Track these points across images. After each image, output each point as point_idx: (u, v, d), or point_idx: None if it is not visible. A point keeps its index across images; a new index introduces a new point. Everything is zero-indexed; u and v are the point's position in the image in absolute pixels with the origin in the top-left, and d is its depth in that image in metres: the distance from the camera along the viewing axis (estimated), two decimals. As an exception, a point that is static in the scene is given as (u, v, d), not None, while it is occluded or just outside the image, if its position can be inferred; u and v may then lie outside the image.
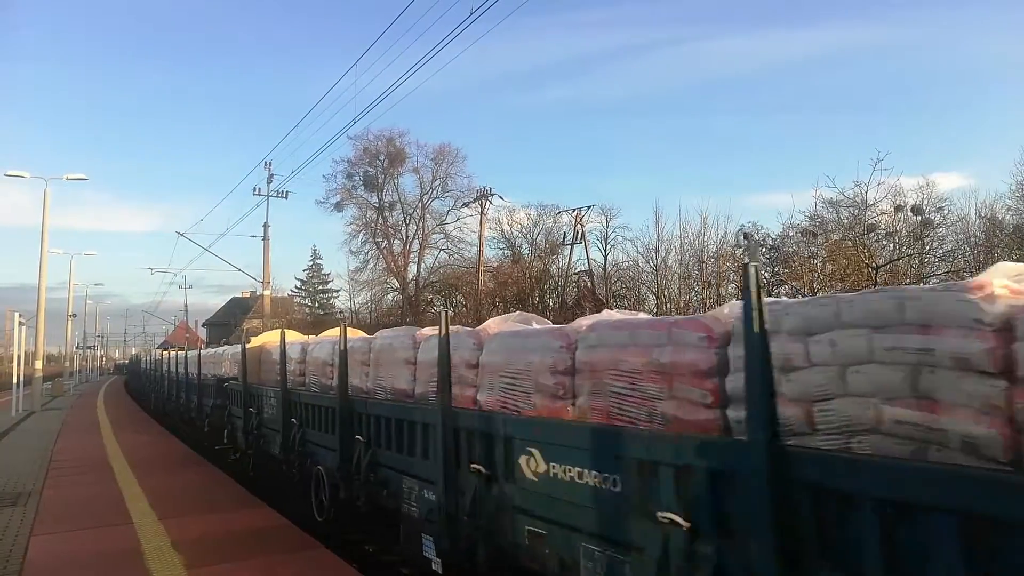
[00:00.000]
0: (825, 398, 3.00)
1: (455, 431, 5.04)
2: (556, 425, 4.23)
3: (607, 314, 5.27)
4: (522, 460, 4.33)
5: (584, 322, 4.77)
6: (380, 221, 44.65)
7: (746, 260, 3.90)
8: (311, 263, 65.21)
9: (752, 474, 2.78)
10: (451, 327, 5.37)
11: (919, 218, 20.32)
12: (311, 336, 11.61)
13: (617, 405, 4.02)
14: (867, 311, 2.88)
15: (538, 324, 5.75)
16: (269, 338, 12.72)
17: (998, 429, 2.40)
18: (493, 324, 5.94)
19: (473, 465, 4.81)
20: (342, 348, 7.20)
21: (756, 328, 2.86)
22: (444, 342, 5.19)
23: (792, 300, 3.69)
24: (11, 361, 35.98)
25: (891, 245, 20.23)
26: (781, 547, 2.68)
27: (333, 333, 10.57)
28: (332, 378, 8.07)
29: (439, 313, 5.73)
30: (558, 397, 4.45)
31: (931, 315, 2.65)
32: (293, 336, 11.81)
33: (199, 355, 17.12)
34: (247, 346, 12.04)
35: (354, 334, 10.06)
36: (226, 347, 18.35)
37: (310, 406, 8.33)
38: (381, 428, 6.39)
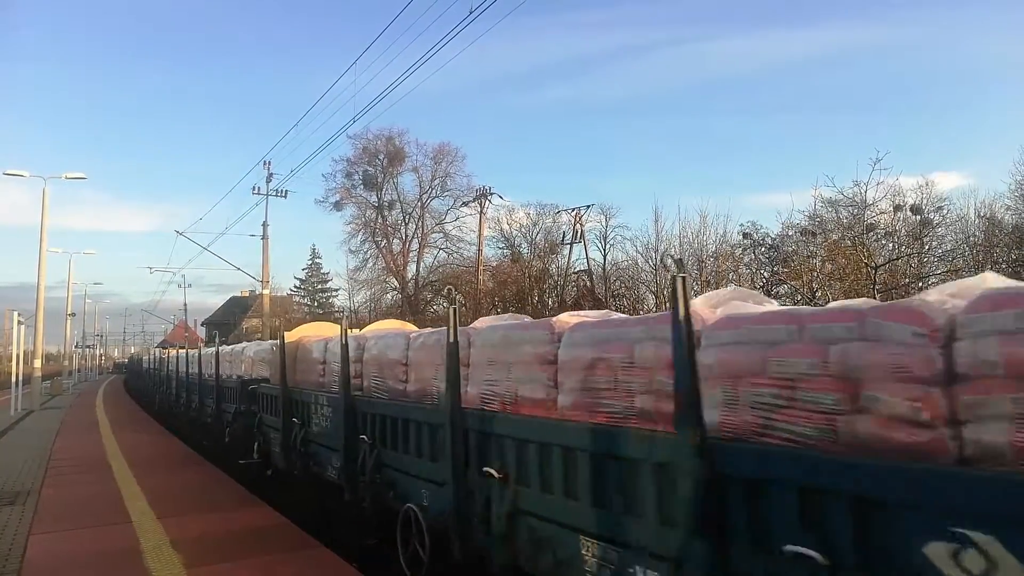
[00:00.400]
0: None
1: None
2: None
3: (734, 303, 3.95)
4: None
5: (705, 314, 3.76)
6: (379, 220, 44.68)
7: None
8: (310, 262, 65.36)
9: None
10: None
11: (918, 218, 20.35)
12: (354, 329, 9.23)
13: (765, 418, 3.18)
14: None
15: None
16: (303, 332, 10.85)
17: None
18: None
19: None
20: (451, 341, 5.18)
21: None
22: (520, 335, 4.97)
23: None
24: (10, 360, 35.95)
25: (890, 245, 20.27)
26: None
27: (383, 326, 9.66)
28: (406, 381, 6.59)
29: (449, 310, 5.36)
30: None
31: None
32: (325, 329, 10.57)
33: (216, 353, 14.94)
34: (281, 340, 9.95)
35: (404, 327, 9.43)
36: (247, 343, 16.70)
37: (394, 420, 6.35)
38: (527, 458, 4.44)
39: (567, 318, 4.86)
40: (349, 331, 7.59)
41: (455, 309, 5.28)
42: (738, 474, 3.05)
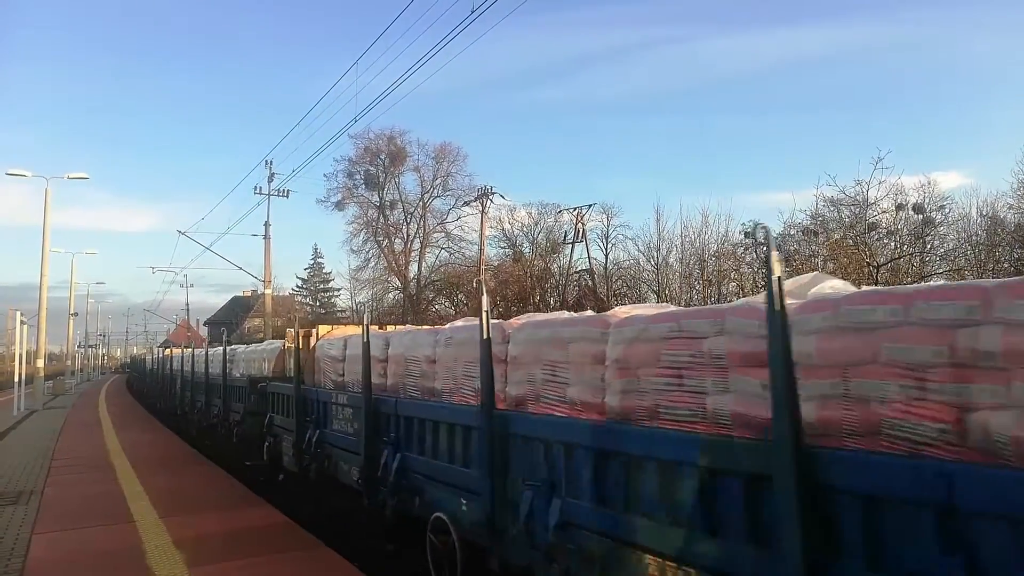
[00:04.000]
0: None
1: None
2: None
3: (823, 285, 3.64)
4: None
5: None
6: (381, 220, 44.73)
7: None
8: (312, 262, 65.42)
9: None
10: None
11: (920, 217, 20.34)
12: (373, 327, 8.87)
13: (876, 416, 2.86)
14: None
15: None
16: (321, 331, 10.41)
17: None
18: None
19: None
20: (484, 338, 4.89)
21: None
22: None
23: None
24: (13, 360, 36.02)
25: (892, 244, 20.26)
26: None
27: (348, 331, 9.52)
28: (434, 381, 6.18)
29: (481, 301, 4.88)
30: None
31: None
32: (344, 330, 9.94)
33: (225, 352, 14.29)
34: (297, 338, 9.65)
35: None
36: (265, 343, 15.81)
37: (421, 422, 5.97)
38: (578, 466, 4.05)
39: (621, 311, 4.51)
40: (353, 330, 8.03)
41: (487, 300, 4.89)
42: (850, 487, 2.58)
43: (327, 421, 8.09)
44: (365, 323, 6.92)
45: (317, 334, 9.90)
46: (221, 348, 15.33)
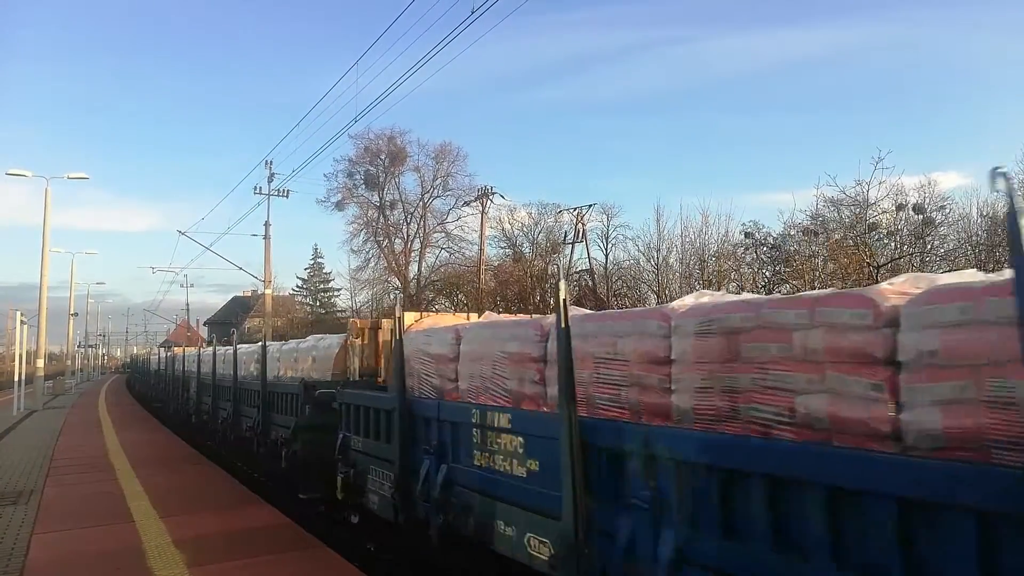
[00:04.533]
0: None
1: None
2: None
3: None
4: None
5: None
6: (381, 220, 44.68)
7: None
8: (312, 262, 65.32)
9: None
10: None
11: (921, 217, 20.30)
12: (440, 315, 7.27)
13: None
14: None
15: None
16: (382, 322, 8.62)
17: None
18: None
19: None
20: (563, 326, 3.94)
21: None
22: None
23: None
24: (13, 360, 36.01)
25: (893, 244, 20.23)
26: None
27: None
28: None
29: (559, 286, 4.05)
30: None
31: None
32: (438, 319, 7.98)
33: (264, 352, 11.64)
34: (397, 327, 6.55)
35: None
36: (311, 338, 11.92)
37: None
38: (686, 485, 3.28)
39: (684, 302, 4.07)
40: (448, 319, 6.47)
41: (565, 287, 4.01)
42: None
43: (462, 452, 5.30)
44: (562, 302, 3.96)
45: (401, 323, 6.65)
46: (251, 346, 13.74)
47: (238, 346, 14.52)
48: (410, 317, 7.56)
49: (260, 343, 12.88)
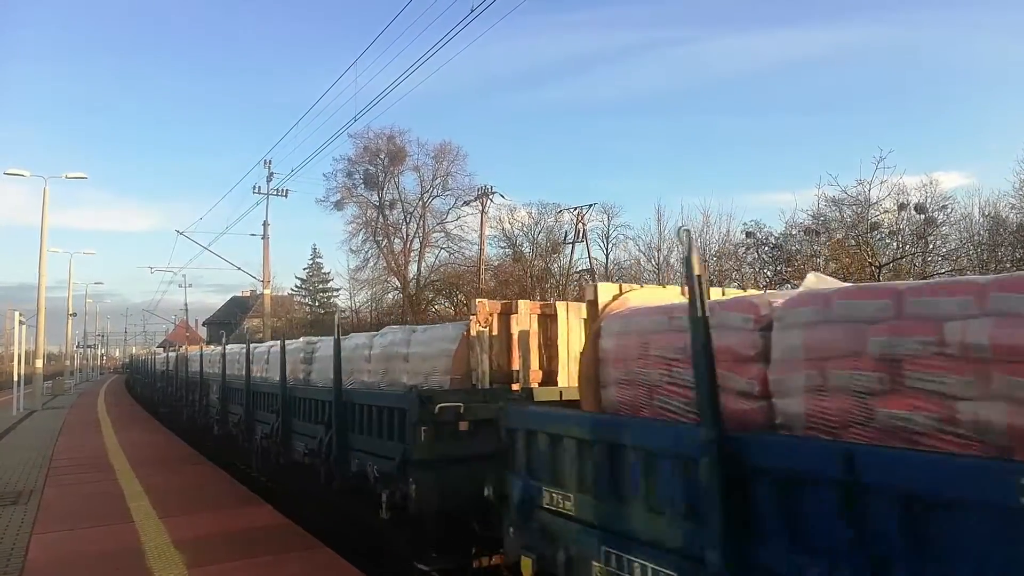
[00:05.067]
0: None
1: None
2: None
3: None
4: None
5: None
6: (380, 220, 44.62)
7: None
8: (311, 262, 65.30)
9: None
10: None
11: (922, 216, 20.28)
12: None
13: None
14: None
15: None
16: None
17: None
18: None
19: None
20: (699, 314, 3.05)
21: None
22: None
23: None
24: (12, 360, 35.94)
25: (894, 244, 20.22)
26: None
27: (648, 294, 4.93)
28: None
29: (696, 265, 2.99)
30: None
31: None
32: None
33: (337, 347, 7.86)
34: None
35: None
36: (422, 328, 8.50)
37: None
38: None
39: (780, 293, 3.55)
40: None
41: (698, 259, 3.04)
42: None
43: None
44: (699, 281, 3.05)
45: (561, 310, 5.63)
46: (297, 343, 10.83)
47: (285, 343, 10.74)
48: (606, 291, 4.90)
49: (328, 337, 9.14)
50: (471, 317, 6.89)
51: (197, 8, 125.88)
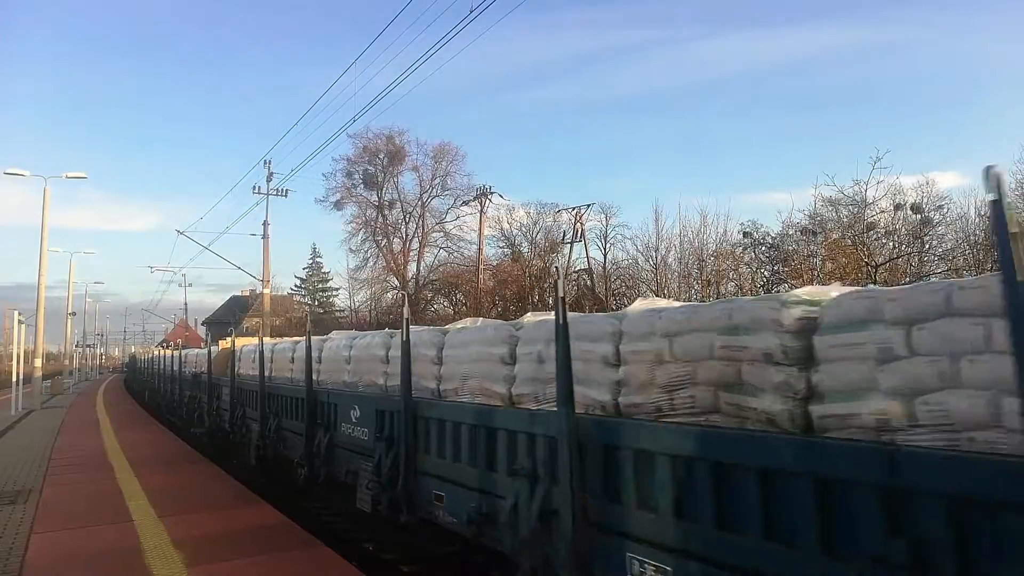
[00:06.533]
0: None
1: None
2: None
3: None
4: None
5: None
6: (380, 219, 44.67)
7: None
8: (311, 261, 65.39)
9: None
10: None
11: (919, 216, 20.34)
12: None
13: None
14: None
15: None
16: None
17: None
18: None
19: None
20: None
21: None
22: None
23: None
24: (11, 359, 35.95)
25: (891, 243, 20.26)
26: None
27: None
28: None
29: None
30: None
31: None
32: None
33: (407, 342, 5.94)
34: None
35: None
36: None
37: None
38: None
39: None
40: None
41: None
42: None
43: None
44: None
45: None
46: (378, 336, 7.87)
47: (352, 337, 8.72)
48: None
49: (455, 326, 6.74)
50: None
51: (197, 8, 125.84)
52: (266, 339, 14.25)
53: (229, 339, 15.72)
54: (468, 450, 5.10)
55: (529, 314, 5.82)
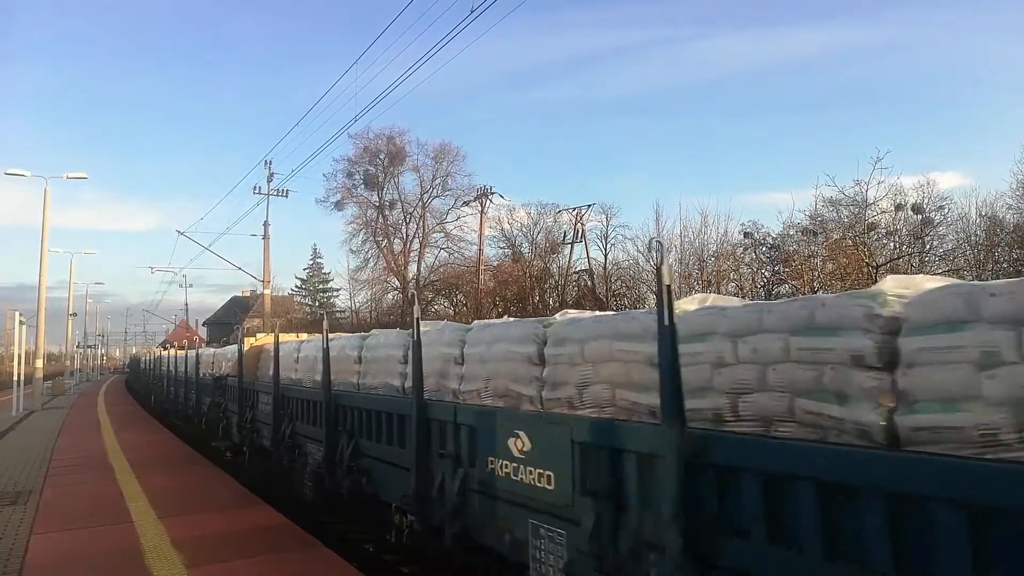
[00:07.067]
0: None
1: None
2: None
3: None
4: None
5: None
6: (380, 220, 44.65)
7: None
8: (311, 262, 65.34)
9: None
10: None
11: (919, 217, 20.31)
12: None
13: None
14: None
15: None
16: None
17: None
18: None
19: None
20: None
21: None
22: None
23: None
24: (12, 360, 35.97)
25: (891, 244, 20.24)
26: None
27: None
28: None
29: None
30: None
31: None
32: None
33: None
34: None
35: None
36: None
37: None
38: None
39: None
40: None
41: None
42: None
43: None
44: None
45: None
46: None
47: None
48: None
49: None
50: None
51: (198, 8, 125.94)
52: (303, 336, 12.35)
53: (261, 335, 13.00)
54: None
55: (559, 313, 5.47)
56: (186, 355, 19.51)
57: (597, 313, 5.38)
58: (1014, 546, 2.16)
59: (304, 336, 12.16)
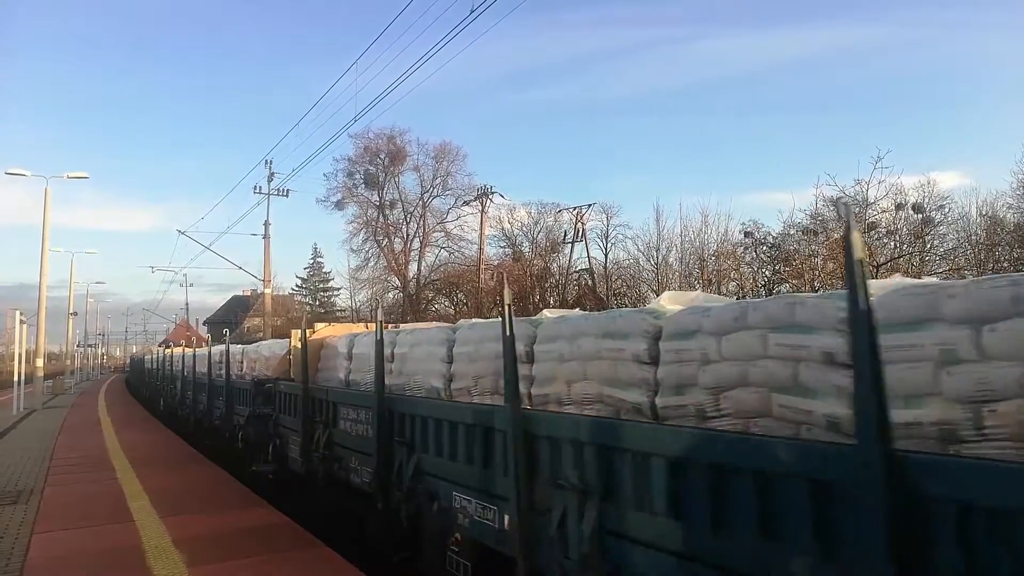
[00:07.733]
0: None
1: None
2: None
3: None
4: None
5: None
6: (381, 219, 44.67)
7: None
8: (312, 261, 65.41)
9: None
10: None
11: (920, 216, 20.33)
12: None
13: None
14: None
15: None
16: None
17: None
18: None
19: None
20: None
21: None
22: None
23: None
24: (12, 359, 36.00)
25: (892, 243, 20.26)
26: None
27: None
28: None
29: None
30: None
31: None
32: None
33: None
34: None
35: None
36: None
37: None
38: None
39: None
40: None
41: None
42: None
43: None
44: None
45: None
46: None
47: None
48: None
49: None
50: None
51: (197, 8, 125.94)
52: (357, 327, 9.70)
53: (322, 326, 9.68)
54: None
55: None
56: (209, 353, 15.35)
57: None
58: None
59: (360, 328, 9.55)
